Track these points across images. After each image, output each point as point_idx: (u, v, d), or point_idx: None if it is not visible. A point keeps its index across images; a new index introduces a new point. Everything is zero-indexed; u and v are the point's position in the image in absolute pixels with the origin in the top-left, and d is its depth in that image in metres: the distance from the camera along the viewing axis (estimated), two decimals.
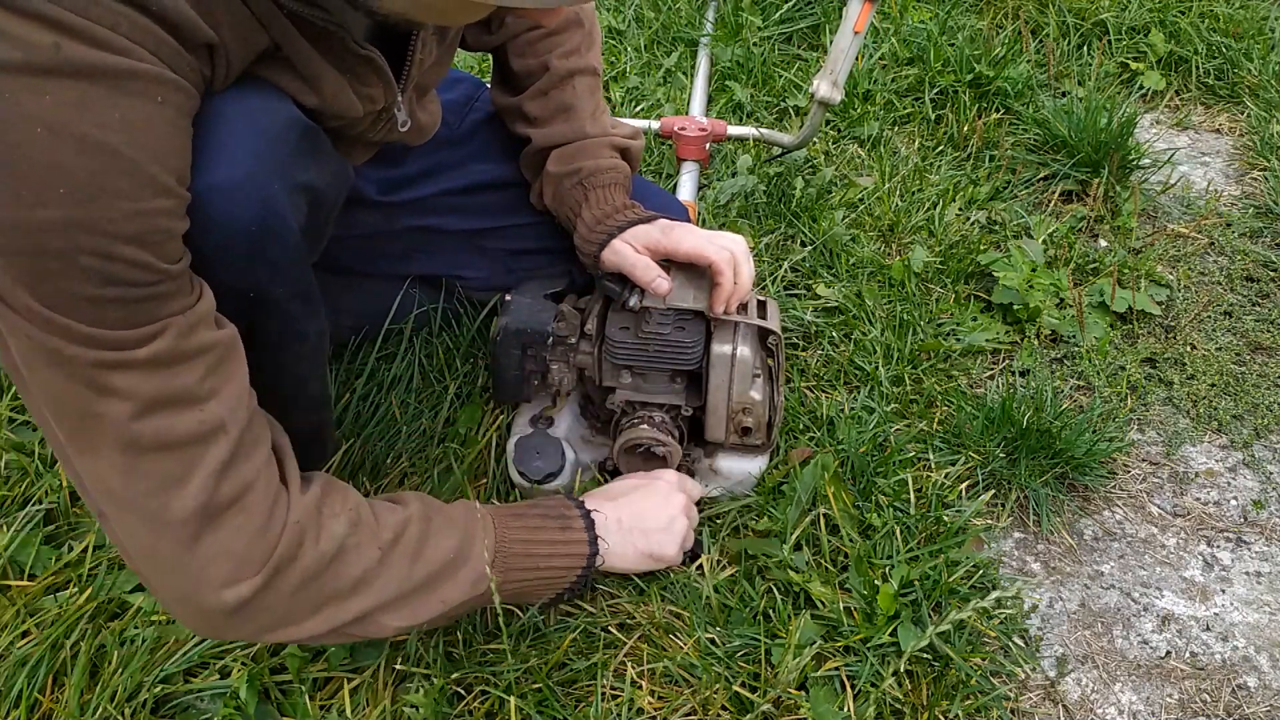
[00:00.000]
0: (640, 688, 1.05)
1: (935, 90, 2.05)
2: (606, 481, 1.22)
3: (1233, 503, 1.33)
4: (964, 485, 1.28)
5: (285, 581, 0.83)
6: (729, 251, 1.14)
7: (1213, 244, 1.74)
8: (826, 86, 1.51)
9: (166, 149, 0.71)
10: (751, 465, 1.22)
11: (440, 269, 1.34)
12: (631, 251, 1.15)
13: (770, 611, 1.11)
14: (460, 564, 0.94)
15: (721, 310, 1.15)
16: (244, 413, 0.81)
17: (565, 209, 1.22)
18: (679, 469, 1.20)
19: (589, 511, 1.06)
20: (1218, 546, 1.28)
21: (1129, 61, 2.19)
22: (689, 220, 1.33)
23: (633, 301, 1.16)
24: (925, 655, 1.06)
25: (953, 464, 1.30)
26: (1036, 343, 1.53)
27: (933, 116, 2.00)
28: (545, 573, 1.01)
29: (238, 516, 0.80)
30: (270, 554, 0.81)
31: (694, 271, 1.18)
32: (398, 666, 1.05)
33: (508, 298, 1.21)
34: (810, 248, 1.65)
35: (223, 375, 0.79)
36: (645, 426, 1.16)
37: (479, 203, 1.29)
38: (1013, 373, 1.49)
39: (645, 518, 1.10)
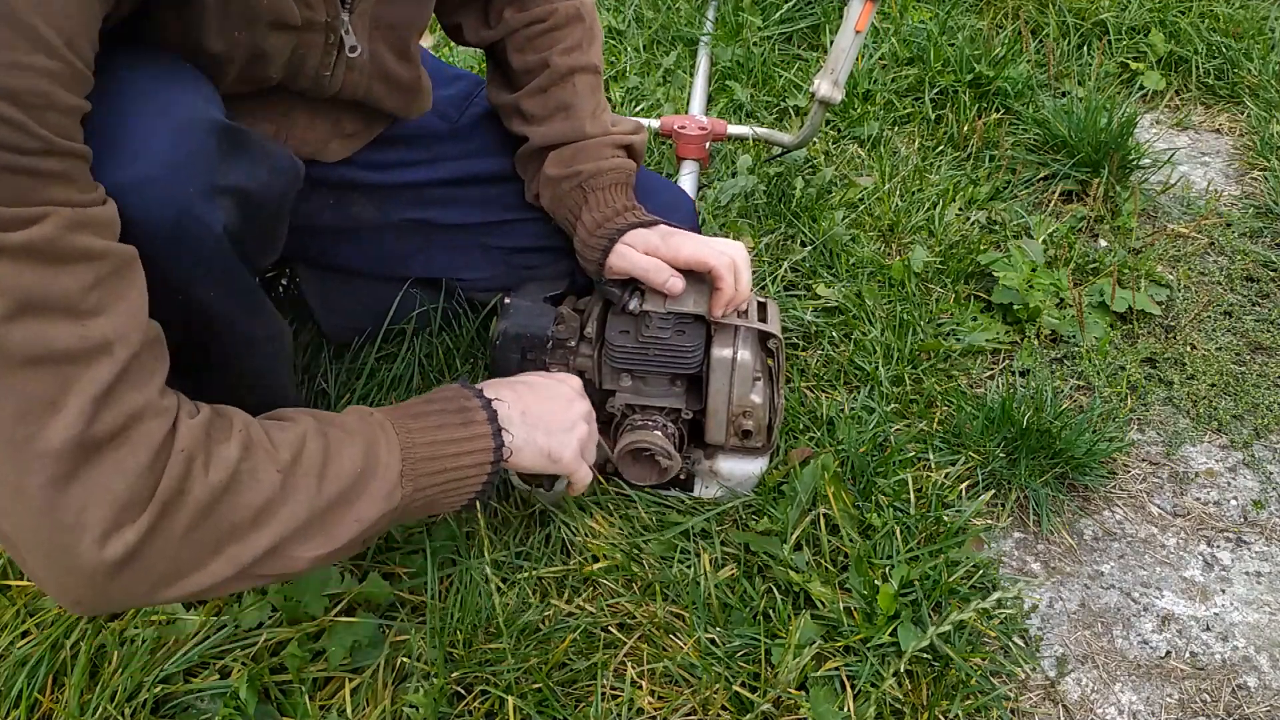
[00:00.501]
0: (640, 688, 1.05)
1: (935, 90, 2.05)
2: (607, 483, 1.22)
3: (1233, 503, 1.33)
4: (964, 485, 1.28)
5: (176, 521, 0.73)
6: (729, 257, 1.13)
7: (1213, 244, 1.74)
8: (827, 86, 1.51)
9: (58, 7, 0.65)
10: (752, 467, 1.22)
11: (440, 270, 1.33)
12: (639, 255, 1.14)
13: (770, 611, 1.11)
14: (370, 476, 0.85)
15: (720, 315, 1.15)
16: (136, 336, 0.72)
17: (564, 212, 1.21)
18: (680, 473, 1.20)
19: (489, 401, 0.97)
20: (1218, 546, 1.28)
21: (1129, 61, 2.19)
22: (693, 209, 1.33)
23: (633, 305, 1.15)
24: (925, 655, 1.06)
25: (953, 464, 1.30)
26: (1036, 343, 1.53)
27: (933, 116, 2.00)
28: (454, 474, 0.93)
29: (120, 451, 0.70)
30: (154, 491, 0.72)
31: (694, 275, 1.18)
32: (400, 662, 1.05)
33: (507, 300, 1.20)
34: (810, 248, 1.65)
35: (113, 291, 0.71)
36: (659, 434, 1.15)
37: (478, 195, 1.28)
38: (1013, 373, 1.49)
39: (547, 416, 1.03)
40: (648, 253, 1.15)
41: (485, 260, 1.32)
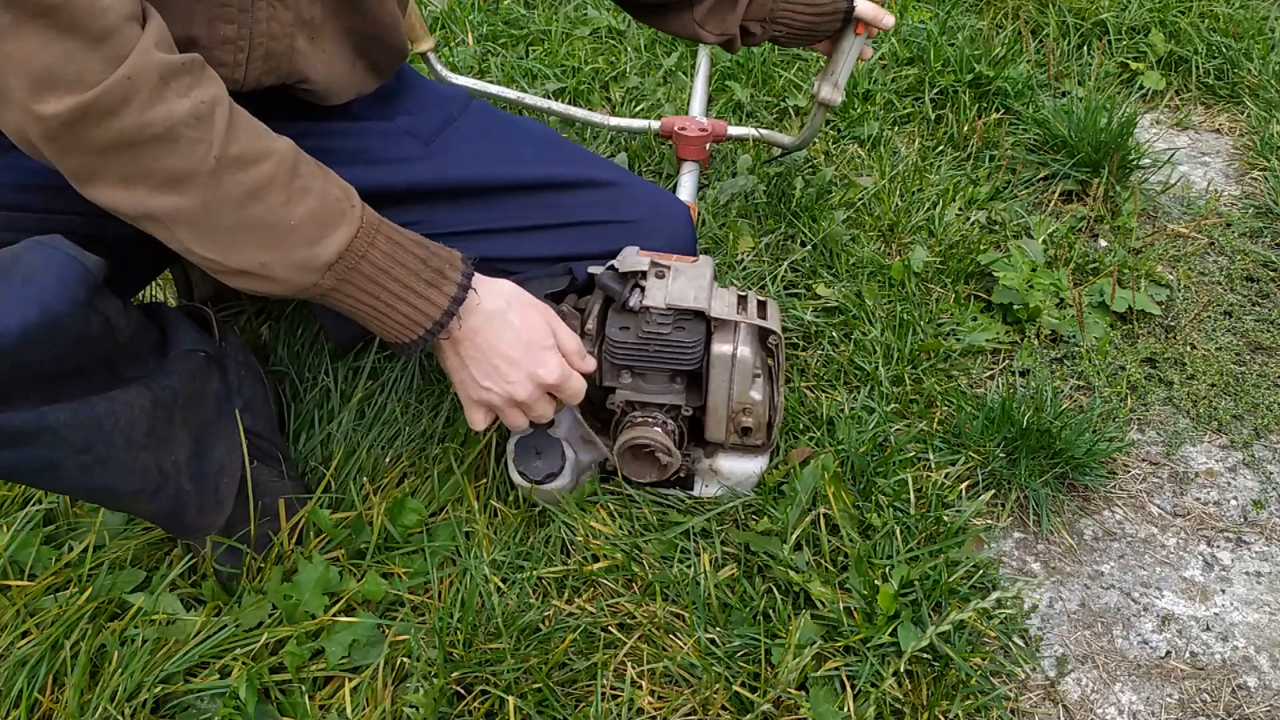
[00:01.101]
0: (640, 688, 1.05)
1: (935, 90, 2.05)
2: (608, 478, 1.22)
3: (1233, 503, 1.33)
4: (964, 485, 1.28)
5: (94, 132, 0.74)
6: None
7: (1213, 244, 1.74)
8: (828, 88, 1.51)
9: None
10: (752, 465, 1.22)
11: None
12: None
13: (770, 611, 1.11)
14: (298, 242, 0.84)
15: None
16: None
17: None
18: (680, 471, 1.20)
19: (469, 285, 0.95)
20: (1218, 546, 1.28)
21: (1129, 61, 2.19)
22: (688, 215, 1.32)
23: (633, 301, 1.16)
24: (925, 655, 1.06)
25: (953, 464, 1.30)
26: (1036, 343, 1.53)
27: (933, 116, 2.00)
28: (382, 308, 0.92)
29: (55, 26, 0.70)
30: (82, 90, 0.72)
31: (694, 270, 1.18)
32: (400, 662, 1.05)
33: None
34: (810, 248, 1.65)
35: None
36: (659, 430, 1.15)
37: (447, 208, 1.25)
38: (1013, 373, 1.49)
39: (517, 344, 0.99)
40: None
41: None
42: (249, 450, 1.17)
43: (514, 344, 1.00)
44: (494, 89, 1.81)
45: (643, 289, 1.16)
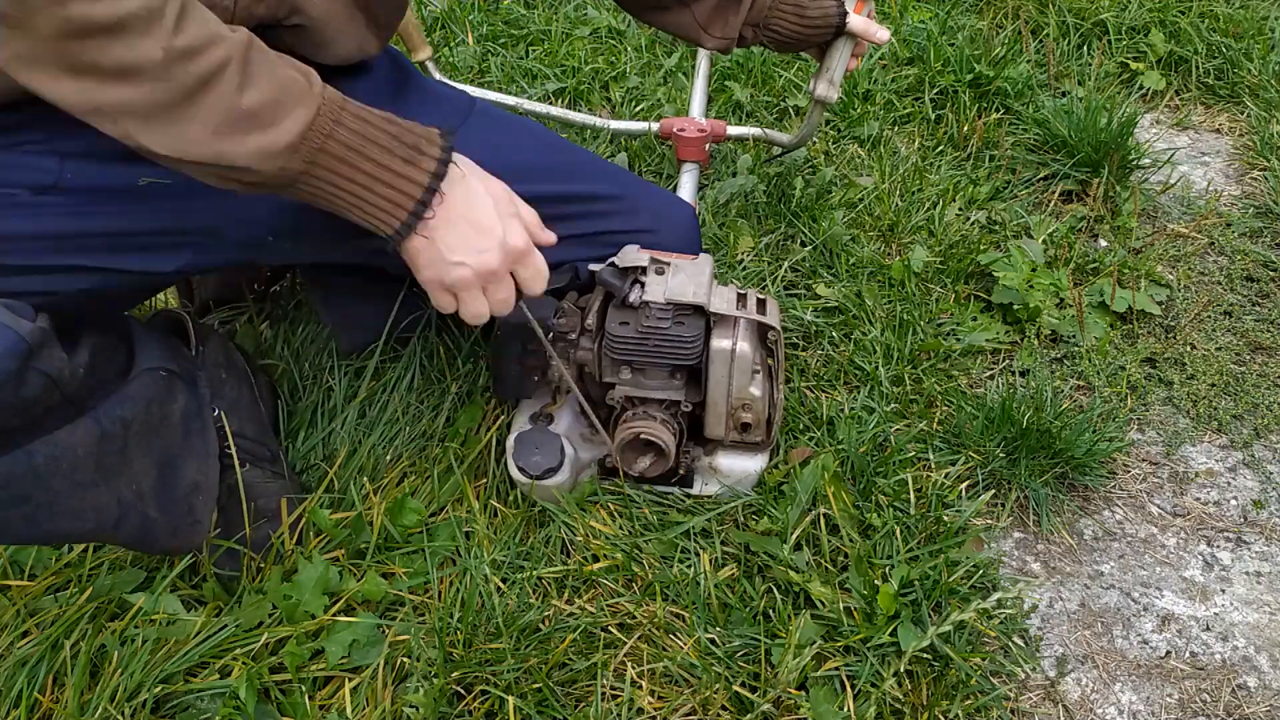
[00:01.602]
0: (640, 688, 1.05)
1: (935, 90, 2.05)
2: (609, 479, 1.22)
3: (1233, 503, 1.33)
4: (964, 485, 1.28)
5: (40, 18, 0.73)
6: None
7: (1213, 244, 1.74)
8: (823, 85, 1.51)
9: None
10: (751, 463, 1.22)
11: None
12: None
13: (770, 611, 1.11)
14: (253, 127, 0.81)
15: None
16: None
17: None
18: (679, 466, 1.20)
19: (449, 159, 0.91)
20: (1218, 546, 1.28)
21: (1129, 61, 2.19)
22: (693, 215, 1.32)
23: (632, 296, 1.16)
24: (925, 655, 1.06)
25: (953, 464, 1.30)
26: (1036, 343, 1.53)
27: (933, 116, 2.00)
28: (359, 190, 0.88)
29: None
30: None
31: (694, 267, 1.18)
32: (400, 662, 1.05)
33: None
34: (810, 248, 1.65)
35: None
36: (658, 424, 1.15)
37: None
38: (1013, 373, 1.49)
39: (488, 211, 0.94)
40: None
41: None
42: (238, 454, 1.16)
43: (486, 211, 0.95)
44: (492, 95, 1.81)
45: (642, 284, 1.17)
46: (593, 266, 1.19)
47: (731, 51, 1.42)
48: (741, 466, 1.22)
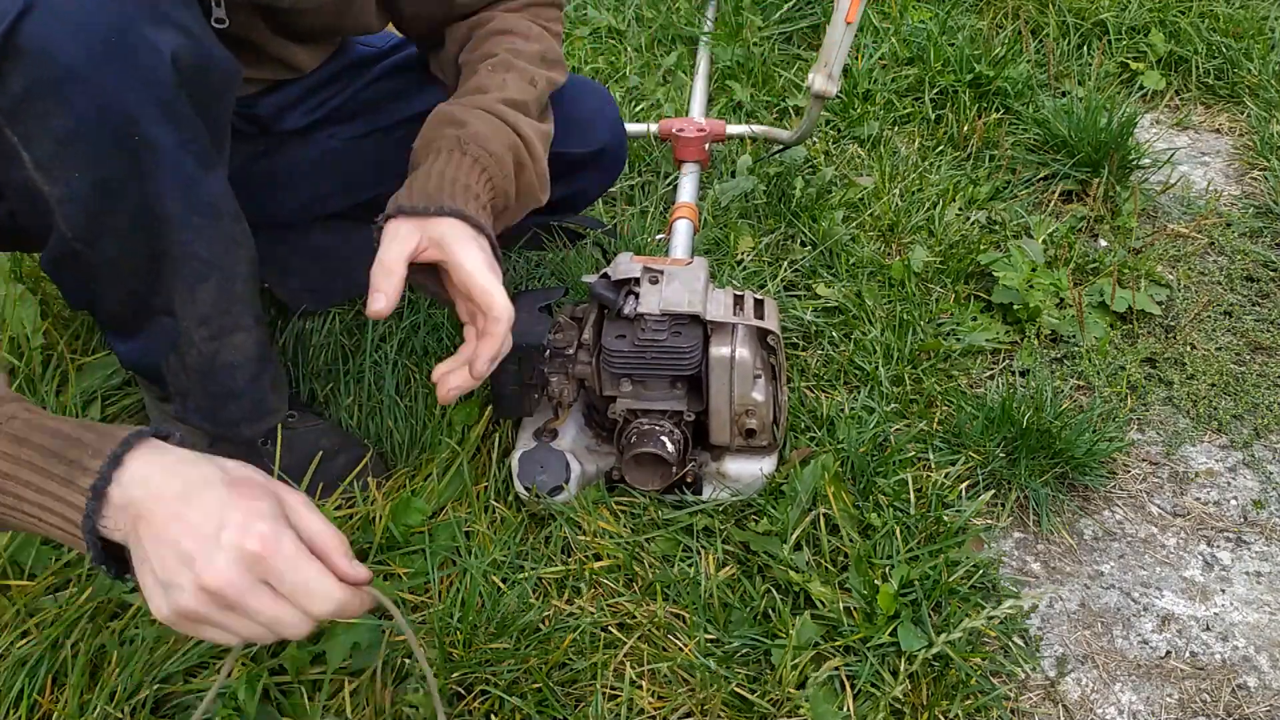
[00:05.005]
0: (640, 688, 1.05)
1: (935, 90, 2.04)
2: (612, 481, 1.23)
3: (1233, 503, 1.33)
4: (964, 485, 1.28)
5: None
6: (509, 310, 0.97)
7: (1213, 244, 1.74)
8: (821, 80, 1.51)
9: None
10: (760, 466, 1.22)
11: (368, 190, 1.28)
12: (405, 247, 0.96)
13: (770, 611, 1.11)
14: None
15: (482, 368, 0.97)
16: None
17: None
18: (687, 476, 1.19)
19: (114, 468, 0.70)
20: (1218, 546, 1.28)
21: (1129, 61, 2.19)
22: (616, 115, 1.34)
23: (628, 309, 1.15)
24: (925, 655, 1.06)
25: (953, 464, 1.30)
26: (1036, 343, 1.53)
27: (933, 116, 2.00)
28: (22, 516, 0.72)
29: None
30: None
31: (688, 273, 1.17)
32: (400, 663, 1.05)
33: None
34: (810, 248, 1.65)
35: None
36: (663, 438, 1.15)
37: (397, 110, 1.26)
38: (1013, 373, 1.49)
39: (187, 535, 0.69)
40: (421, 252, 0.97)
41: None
42: None
43: (183, 534, 0.70)
44: None
45: (637, 295, 1.16)
46: (585, 278, 1.18)
47: None
48: (750, 470, 1.21)
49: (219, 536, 0.69)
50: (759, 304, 1.20)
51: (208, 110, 0.91)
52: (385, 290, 0.92)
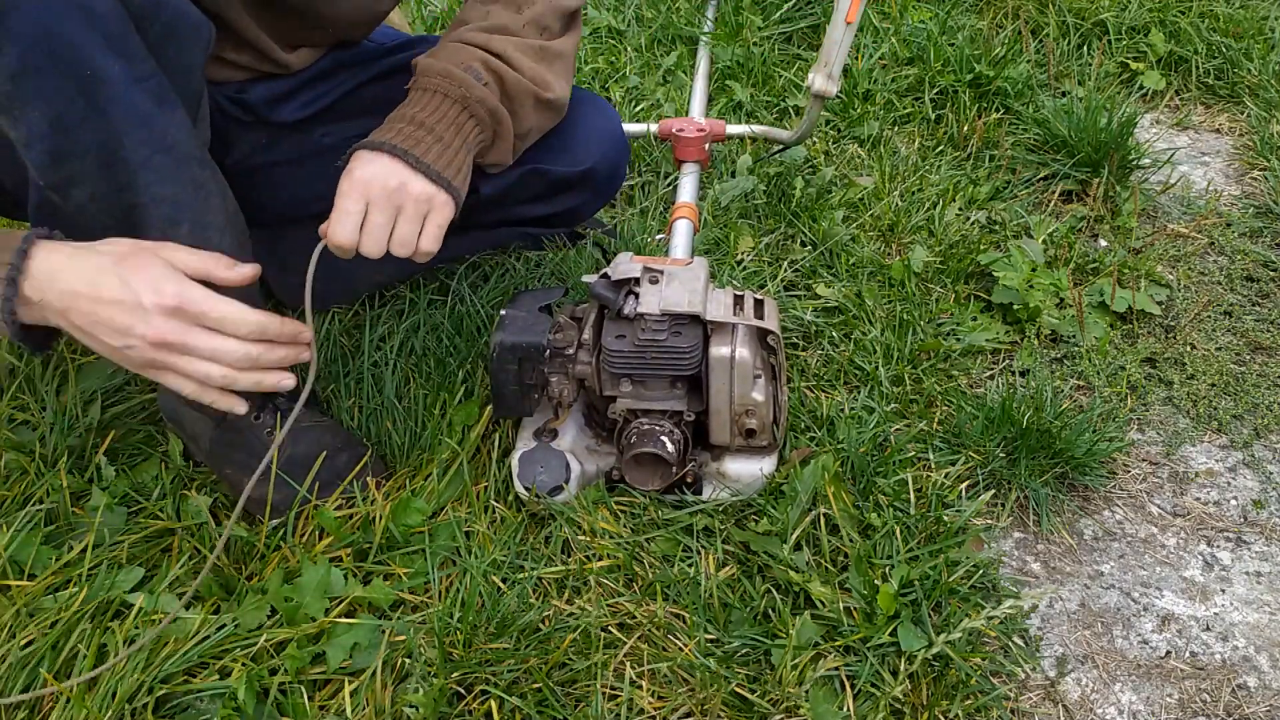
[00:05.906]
0: (640, 688, 1.05)
1: (935, 90, 2.04)
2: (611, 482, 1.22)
3: (1233, 503, 1.33)
4: (964, 485, 1.28)
5: None
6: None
7: (1213, 244, 1.74)
8: (821, 80, 1.51)
9: None
10: (760, 466, 1.22)
11: None
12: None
13: (770, 611, 1.11)
14: None
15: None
16: None
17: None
18: (687, 477, 1.19)
19: (22, 259, 0.86)
20: (1218, 546, 1.28)
21: (1129, 61, 2.19)
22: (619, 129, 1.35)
23: (627, 308, 1.15)
24: (925, 655, 1.06)
25: (953, 464, 1.30)
26: (1036, 343, 1.53)
27: (933, 116, 2.00)
28: None
29: None
30: None
31: (688, 273, 1.17)
32: (400, 663, 1.05)
33: (502, 312, 1.20)
34: (810, 248, 1.65)
35: None
36: (664, 438, 1.15)
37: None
38: (1013, 373, 1.49)
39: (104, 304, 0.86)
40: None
41: None
42: None
43: (113, 313, 0.88)
44: None
45: (636, 295, 1.16)
46: (585, 278, 1.18)
47: None
48: (750, 470, 1.21)
49: (140, 304, 0.86)
50: (759, 304, 1.20)
51: (163, 52, 0.91)
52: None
